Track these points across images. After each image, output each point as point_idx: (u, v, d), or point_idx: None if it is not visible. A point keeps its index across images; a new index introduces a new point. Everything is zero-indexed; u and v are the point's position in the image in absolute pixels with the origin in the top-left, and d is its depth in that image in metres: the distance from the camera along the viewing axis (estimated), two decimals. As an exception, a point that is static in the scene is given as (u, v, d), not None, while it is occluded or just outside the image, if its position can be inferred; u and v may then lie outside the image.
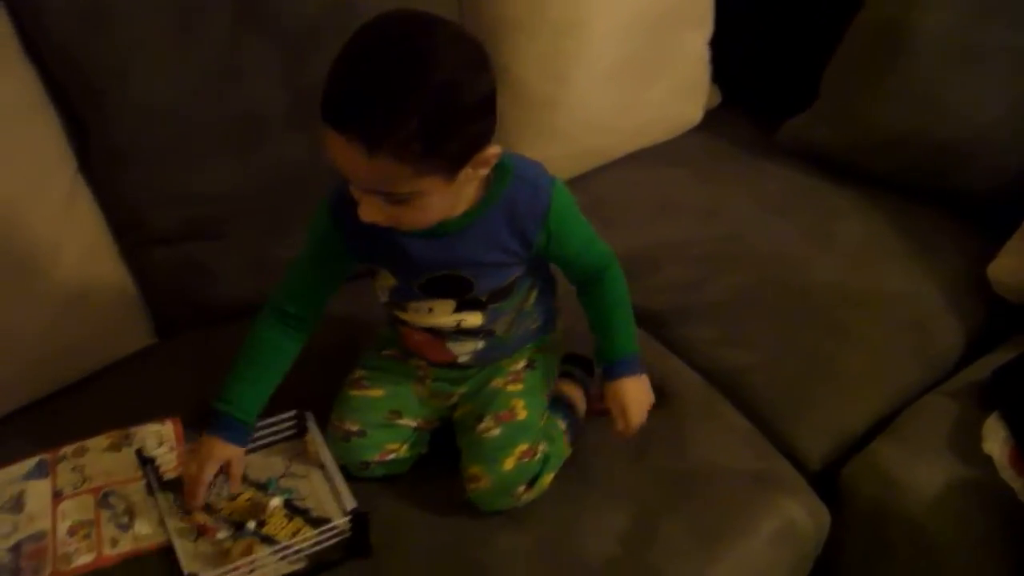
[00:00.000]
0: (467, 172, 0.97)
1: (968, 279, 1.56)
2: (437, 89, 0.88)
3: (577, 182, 1.82)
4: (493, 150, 0.98)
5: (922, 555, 1.24)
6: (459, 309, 1.15)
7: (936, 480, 1.24)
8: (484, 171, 1.00)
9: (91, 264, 1.35)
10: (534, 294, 1.22)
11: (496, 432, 1.17)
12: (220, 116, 1.34)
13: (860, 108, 1.75)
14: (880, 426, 1.35)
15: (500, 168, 1.04)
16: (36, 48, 1.26)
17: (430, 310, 1.15)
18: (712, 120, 2.02)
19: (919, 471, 1.25)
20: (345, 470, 1.19)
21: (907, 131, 1.68)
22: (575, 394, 1.32)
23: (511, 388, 1.21)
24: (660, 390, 1.32)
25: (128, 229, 1.38)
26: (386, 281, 1.15)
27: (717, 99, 2.08)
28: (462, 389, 1.24)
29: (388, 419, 1.21)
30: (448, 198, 0.99)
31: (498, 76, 1.63)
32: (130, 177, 1.34)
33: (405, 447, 1.21)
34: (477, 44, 0.94)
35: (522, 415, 1.18)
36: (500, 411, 1.18)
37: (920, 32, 1.65)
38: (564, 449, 1.23)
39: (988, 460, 1.23)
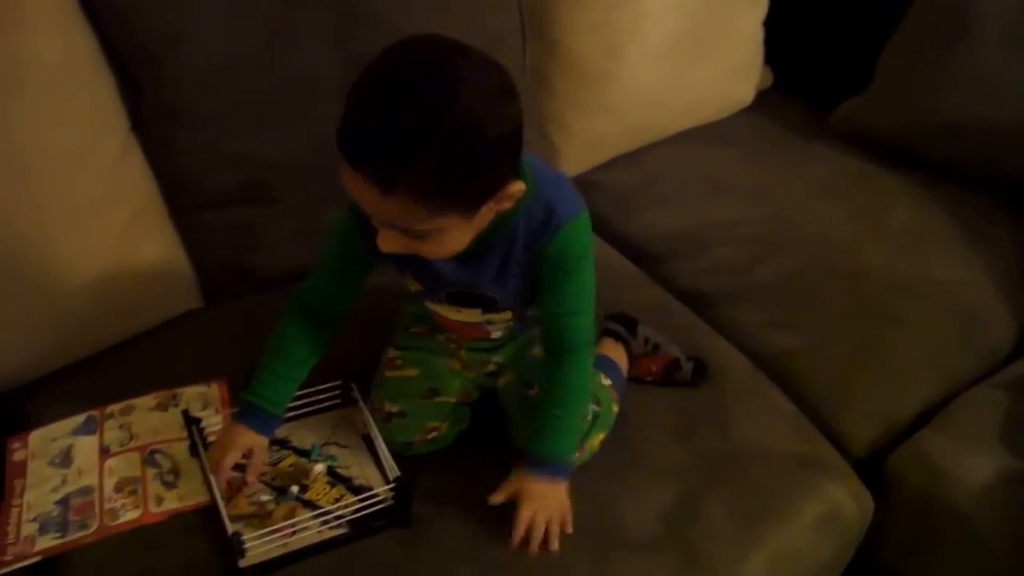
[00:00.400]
0: (488, 206, 0.94)
1: (1021, 271, 1.54)
2: (456, 127, 0.84)
3: (628, 158, 1.82)
4: (516, 187, 0.94)
5: (967, 546, 1.22)
6: (487, 311, 1.14)
7: (984, 471, 1.22)
8: (507, 205, 0.97)
9: (141, 225, 1.35)
10: None
11: None
12: (273, 80, 1.34)
13: (917, 92, 1.73)
14: (928, 415, 1.34)
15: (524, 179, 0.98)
16: (94, 11, 1.26)
17: (459, 310, 1.15)
18: (763, 101, 2.01)
19: (967, 462, 1.24)
20: (390, 447, 1.18)
21: (965, 117, 1.65)
22: (618, 353, 1.30)
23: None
24: (704, 369, 1.34)
25: (178, 191, 1.39)
26: (413, 286, 1.15)
27: (769, 80, 2.06)
28: (498, 357, 1.24)
29: (427, 397, 1.21)
30: (468, 232, 0.97)
31: (551, 49, 1.64)
32: (182, 139, 1.34)
33: (446, 425, 1.21)
34: (502, 71, 0.90)
35: None
36: None
37: (983, 15, 1.63)
38: (611, 407, 1.21)
39: (1038, 454, 1.21)
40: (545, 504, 1.08)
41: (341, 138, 0.87)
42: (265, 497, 1.13)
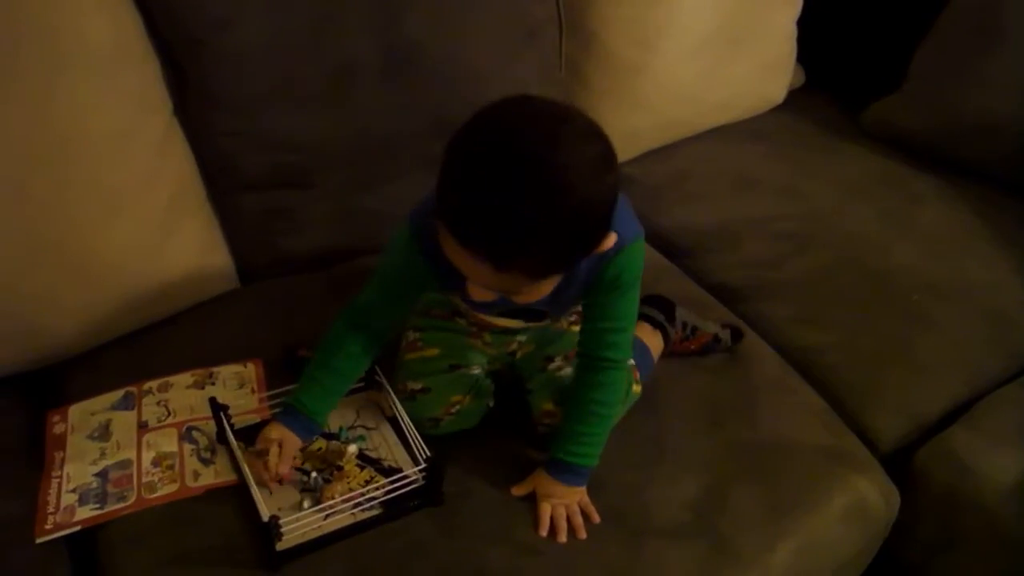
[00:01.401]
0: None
1: (1053, 273, 1.54)
2: (570, 215, 0.86)
3: (661, 153, 1.83)
4: (610, 240, 0.96)
5: (993, 544, 1.23)
6: (528, 320, 1.19)
7: (1012, 470, 1.23)
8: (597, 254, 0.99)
9: (181, 207, 1.37)
10: None
11: (568, 370, 1.19)
12: (315, 66, 1.36)
13: (949, 93, 1.73)
14: (956, 413, 1.34)
15: None
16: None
17: (500, 314, 1.18)
18: (795, 100, 2.01)
19: (995, 460, 1.24)
20: (417, 426, 1.20)
21: (999, 119, 1.66)
22: (653, 339, 1.32)
23: (574, 327, 1.23)
24: (741, 335, 1.39)
25: (218, 174, 1.41)
26: (459, 303, 1.18)
27: (801, 79, 2.06)
28: (522, 337, 1.26)
29: (449, 372, 1.23)
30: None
31: (586, 43, 1.65)
32: (223, 123, 1.36)
33: (469, 397, 1.22)
34: (604, 140, 0.90)
35: None
36: (569, 350, 1.20)
37: (1017, 17, 1.62)
38: (632, 388, 1.22)
39: (1066, 454, 1.21)
40: (562, 501, 1.13)
41: (450, 215, 0.88)
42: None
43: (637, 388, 1.24)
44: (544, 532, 1.11)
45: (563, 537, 1.10)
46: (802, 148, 1.87)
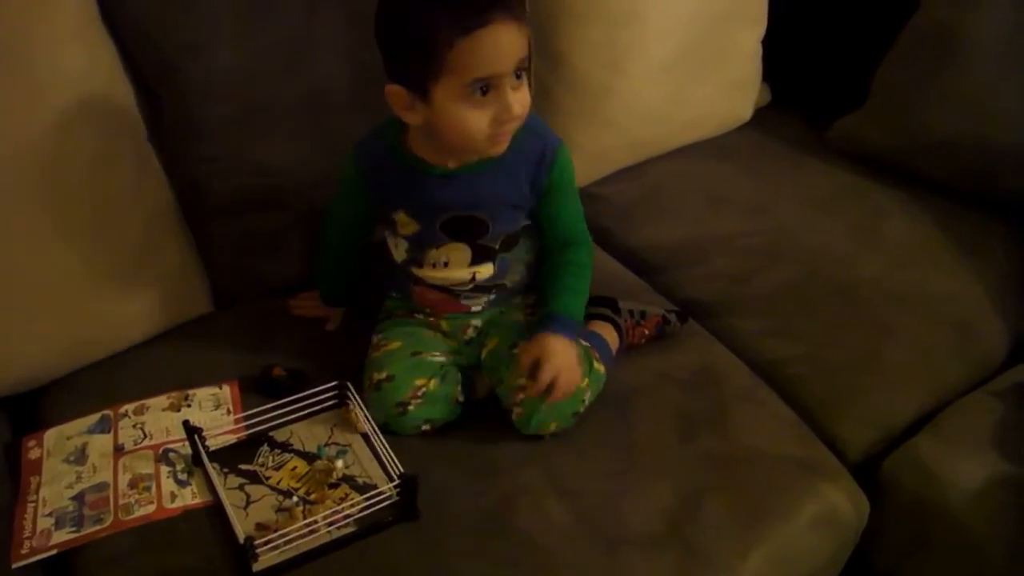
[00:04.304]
0: None
1: (1015, 282, 1.57)
2: None
3: (631, 172, 1.85)
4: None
5: (961, 550, 1.24)
6: (474, 261, 1.24)
7: (977, 476, 1.25)
8: None
9: (156, 231, 1.39)
10: (535, 248, 1.31)
11: None
12: (287, 91, 1.38)
13: (910, 110, 1.76)
14: (923, 421, 1.36)
15: None
16: (115, 24, 1.29)
17: (446, 264, 1.25)
18: (762, 118, 2.04)
19: (960, 467, 1.26)
20: (389, 435, 1.22)
21: (959, 134, 1.68)
22: (607, 332, 1.37)
23: (532, 319, 1.29)
24: (687, 315, 1.44)
25: (194, 198, 1.42)
26: (406, 228, 1.23)
27: (767, 98, 2.09)
28: (477, 321, 1.32)
29: (411, 358, 1.27)
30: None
31: (555, 65, 1.68)
32: (197, 148, 1.37)
33: (434, 381, 1.25)
34: None
35: None
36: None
37: (976, 35, 1.66)
38: (595, 365, 1.27)
39: (1030, 458, 1.23)
40: (566, 362, 1.20)
41: (470, 14, 1.02)
42: (272, 502, 1.16)
43: (600, 367, 1.28)
44: (543, 387, 1.18)
45: (560, 393, 1.19)
46: (769, 164, 1.89)
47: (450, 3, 1.03)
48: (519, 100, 1.09)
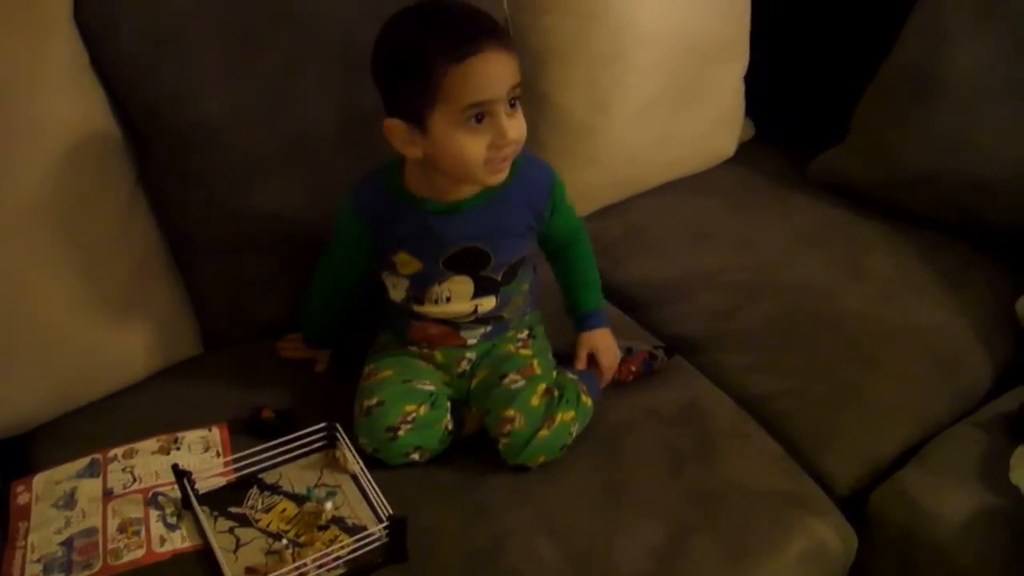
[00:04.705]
0: None
1: (998, 314, 1.58)
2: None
3: (616, 209, 1.87)
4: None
5: (948, 581, 1.25)
6: (476, 294, 1.26)
7: (963, 508, 1.25)
8: None
9: (145, 274, 1.40)
10: (530, 276, 1.35)
11: (522, 382, 1.27)
12: (276, 136, 1.39)
13: (890, 144, 1.78)
14: (908, 454, 1.37)
15: None
16: (104, 72, 1.31)
17: (448, 299, 1.26)
18: (745, 153, 2.06)
19: (947, 499, 1.26)
20: (377, 471, 1.23)
21: (938, 168, 1.70)
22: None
23: (523, 352, 1.33)
24: (674, 350, 1.47)
25: (182, 242, 1.43)
26: (407, 268, 1.25)
27: (750, 133, 2.11)
28: (470, 354, 1.33)
29: (402, 385, 1.28)
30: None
31: (539, 104, 1.71)
32: (186, 193, 1.39)
33: (424, 407, 1.26)
34: None
35: (538, 370, 1.31)
36: (520, 368, 1.29)
37: (952, 70, 1.68)
38: (582, 398, 1.30)
39: (1015, 490, 1.24)
40: (612, 347, 1.39)
41: (471, 40, 1.07)
42: (261, 545, 1.16)
43: (587, 399, 1.31)
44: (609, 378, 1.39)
45: (610, 373, 1.39)
46: (753, 200, 1.91)
47: (442, 34, 1.08)
48: (514, 126, 1.12)
